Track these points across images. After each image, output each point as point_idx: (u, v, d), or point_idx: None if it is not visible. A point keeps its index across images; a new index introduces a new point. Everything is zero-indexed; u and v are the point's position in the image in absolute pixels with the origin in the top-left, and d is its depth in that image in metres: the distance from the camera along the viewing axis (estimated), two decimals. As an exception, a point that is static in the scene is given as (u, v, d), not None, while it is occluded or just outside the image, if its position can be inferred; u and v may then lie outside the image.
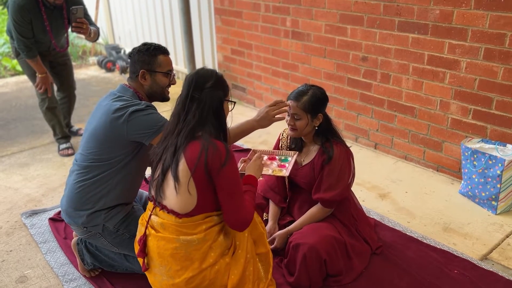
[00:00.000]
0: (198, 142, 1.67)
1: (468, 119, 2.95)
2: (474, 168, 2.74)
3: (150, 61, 2.09)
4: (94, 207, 2.04)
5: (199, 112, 1.71)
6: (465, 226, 2.61)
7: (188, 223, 1.72)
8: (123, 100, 2.02)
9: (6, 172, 3.42)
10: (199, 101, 1.72)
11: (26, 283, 2.25)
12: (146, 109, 1.98)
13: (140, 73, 2.08)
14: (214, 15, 4.73)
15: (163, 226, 1.75)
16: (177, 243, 1.71)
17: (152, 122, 1.96)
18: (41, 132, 4.16)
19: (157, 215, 1.78)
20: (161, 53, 2.11)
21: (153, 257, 1.77)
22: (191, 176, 1.65)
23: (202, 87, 1.73)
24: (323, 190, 2.15)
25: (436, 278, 2.16)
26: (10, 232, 2.66)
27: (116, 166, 2.02)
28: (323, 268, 2.08)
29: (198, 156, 1.64)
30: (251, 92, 4.67)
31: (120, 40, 6.85)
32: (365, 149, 3.66)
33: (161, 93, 2.17)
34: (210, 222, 1.75)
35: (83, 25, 3.09)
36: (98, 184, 2.03)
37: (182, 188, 1.67)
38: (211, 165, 1.64)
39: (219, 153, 1.65)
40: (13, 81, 5.86)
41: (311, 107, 2.11)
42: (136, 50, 2.11)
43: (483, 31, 2.72)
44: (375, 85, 3.44)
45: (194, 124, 1.70)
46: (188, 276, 1.71)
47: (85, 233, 2.11)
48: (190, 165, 1.65)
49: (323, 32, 3.66)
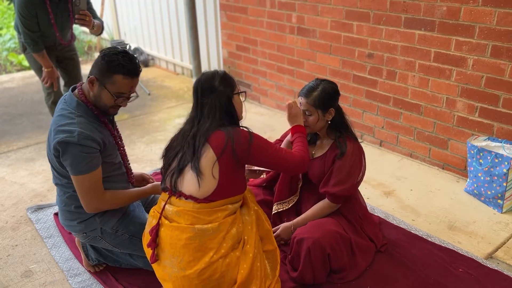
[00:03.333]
0: (221, 131, 1.75)
1: (475, 116, 2.93)
2: (480, 166, 2.72)
3: (104, 74, 1.87)
4: (85, 216, 2.02)
5: (212, 114, 1.78)
6: (471, 224, 2.60)
7: (205, 209, 1.75)
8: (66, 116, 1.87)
9: (12, 167, 3.44)
10: (209, 105, 1.79)
11: (31, 277, 2.26)
12: (77, 144, 1.81)
13: (89, 78, 1.89)
14: (220, 10, 4.72)
15: (179, 214, 1.76)
16: (192, 232, 1.72)
17: (75, 163, 1.83)
18: (46, 127, 4.17)
19: (172, 204, 1.80)
20: (121, 73, 1.85)
21: (164, 248, 1.78)
22: (217, 160, 1.72)
23: (209, 90, 1.80)
24: (331, 184, 2.14)
25: (441, 277, 2.16)
26: (15, 227, 2.68)
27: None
28: (327, 263, 2.08)
29: (225, 142, 1.72)
30: (256, 89, 4.66)
31: (125, 35, 6.85)
32: (370, 146, 3.65)
33: (103, 108, 1.95)
34: (225, 211, 1.78)
35: (85, 17, 3.10)
36: (77, 197, 1.97)
37: (206, 176, 1.73)
38: (239, 149, 1.73)
39: (243, 136, 1.76)
40: (19, 76, 5.89)
41: (321, 102, 2.11)
42: (104, 53, 1.88)
43: (491, 28, 2.69)
44: (380, 82, 3.42)
45: (209, 125, 1.77)
46: (200, 268, 1.71)
47: (86, 237, 2.10)
48: (216, 151, 1.72)
49: (328, 28, 3.64)
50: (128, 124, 4.26)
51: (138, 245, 2.06)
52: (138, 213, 2.15)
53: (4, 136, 4.00)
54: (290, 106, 2.06)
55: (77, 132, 1.82)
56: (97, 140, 1.88)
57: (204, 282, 1.73)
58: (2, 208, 2.88)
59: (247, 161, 1.80)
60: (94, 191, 1.90)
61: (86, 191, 1.89)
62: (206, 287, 1.74)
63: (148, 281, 2.16)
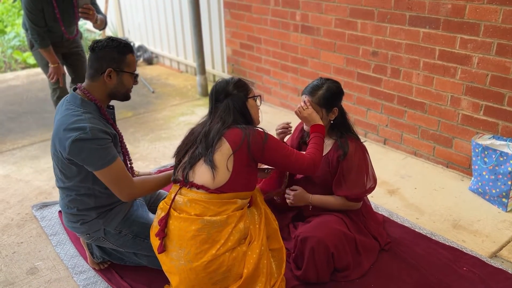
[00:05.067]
0: (237, 128, 1.81)
1: (479, 115, 2.92)
2: (484, 165, 2.71)
3: (119, 60, 1.92)
4: (88, 218, 2.03)
5: (225, 114, 1.85)
6: (475, 223, 2.60)
7: (216, 199, 1.77)
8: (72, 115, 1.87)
9: (18, 164, 3.45)
10: (223, 108, 1.86)
11: (36, 274, 2.28)
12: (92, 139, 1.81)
13: (106, 71, 1.91)
14: (224, 8, 4.72)
15: (189, 203, 1.78)
16: (200, 224, 1.74)
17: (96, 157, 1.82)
18: (51, 124, 4.19)
19: (183, 194, 1.81)
20: (130, 51, 1.96)
21: (172, 239, 1.79)
22: (233, 154, 1.76)
23: (222, 96, 1.88)
24: (347, 188, 2.14)
25: (445, 275, 2.15)
26: (21, 224, 2.70)
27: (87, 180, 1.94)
28: (331, 262, 2.09)
29: (242, 137, 1.77)
30: (260, 87, 4.66)
31: (129, 33, 6.86)
32: (374, 144, 3.64)
33: (125, 93, 2.02)
34: (234, 204, 1.81)
35: (89, 11, 3.16)
36: (81, 200, 1.98)
37: (220, 169, 1.77)
38: (254, 148, 1.78)
39: (258, 134, 1.81)
40: (24, 74, 5.91)
41: (325, 101, 2.11)
42: (103, 45, 1.90)
43: (496, 26, 2.68)
44: (385, 80, 3.41)
45: (222, 123, 1.82)
46: (207, 260, 1.73)
47: (89, 238, 2.11)
48: (233, 145, 1.77)
49: (333, 26, 3.64)
50: (132, 122, 4.27)
51: (141, 244, 2.07)
52: (141, 213, 2.15)
53: (9, 134, 4.03)
54: (298, 113, 2.11)
55: (89, 127, 1.81)
56: (108, 131, 1.89)
57: (211, 275, 1.75)
58: (8, 206, 2.89)
59: (260, 159, 1.84)
60: (123, 179, 1.90)
61: (115, 182, 1.88)
62: (212, 280, 1.76)
63: (152, 278, 2.17)
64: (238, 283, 1.78)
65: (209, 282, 1.76)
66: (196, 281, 1.76)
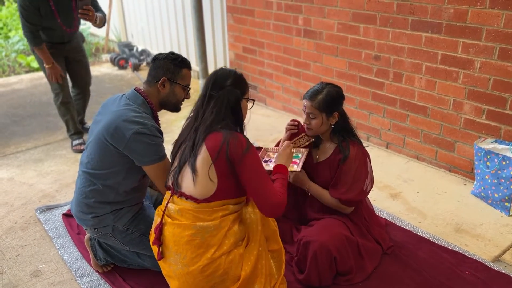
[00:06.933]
0: (219, 132, 1.74)
1: (482, 119, 2.92)
2: (487, 169, 2.71)
3: (174, 71, 2.08)
4: (101, 212, 2.07)
5: (217, 109, 1.78)
6: (477, 227, 2.59)
7: (205, 208, 1.76)
8: (133, 110, 1.98)
9: (21, 167, 3.47)
10: (216, 99, 1.80)
11: (40, 277, 2.29)
12: (151, 135, 1.95)
13: (161, 79, 2.06)
14: (226, 13, 4.74)
15: (180, 212, 1.78)
16: (193, 229, 1.75)
17: (151, 152, 1.95)
18: (55, 128, 4.22)
19: (174, 202, 1.82)
20: (186, 66, 2.12)
21: (168, 245, 1.80)
22: (213, 163, 1.71)
23: (220, 86, 1.81)
24: (342, 191, 2.15)
25: (448, 279, 2.15)
26: (25, 227, 2.71)
27: (120, 175, 2.02)
28: (333, 266, 2.09)
29: (220, 145, 1.71)
30: (262, 91, 4.67)
31: (132, 37, 6.90)
32: (377, 148, 3.65)
33: (175, 104, 2.17)
34: (226, 210, 1.79)
35: (89, 12, 3.19)
36: (103, 192, 2.05)
37: (201, 177, 1.73)
38: (233, 154, 1.70)
39: (240, 142, 1.72)
40: (28, 78, 5.94)
41: (325, 106, 2.11)
42: (163, 56, 2.09)
43: (498, 30, 2.69)
44: (387, 84, 3.42)
45: (212, 120, 1.77)
46: (203, 264, 1.74)
47: (96, 233, 2.13)
48: (212, 153, 1.71)
49: (335, 30, 3.65)
50: (135, 125, 4.28)
51: (147, 244, 2.09)
52: (149, 213, 2.19)
53: (13, 137, 4.05)
54: (287, 145, 2.01)
55: (150, 125, 1.96)
56: (161, 133, 2.06)
57: (208, 278, 1.75)
58: (12, 209, 2.91)
59: (237, 168, 1.72)
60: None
61: (161, 177, 1.98)
62: (210, 283, 1.77)
63: (155, 282, 2.18)
64: (236, 285, 1.78)
65: (207, 285, 1.77)
66: (194, 284, 1.77)
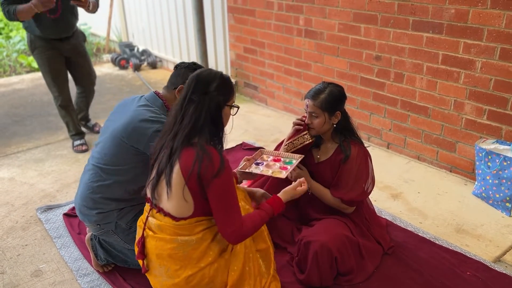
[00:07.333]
0: (193, 150, 1.63)
1: (483, 119, 2.92)
2: (488, 169, 2.71)
3: None
4: (107, 208, 2.08)
5: (196, 116, 1.66)
6: (478, 227, 2.59)
7: (185, 225, 1.71)
8: (152, 111, 2.04)
9: (22, 167, 3.47)
10: (196, 105, 1.66)
11: (40, 277, 2.29)
12: None
13: (179, 87, 2.10)
14: (227, 13, 4.74)
15: (160, 228, 1.74)
16: (175, 243, 1.71)
17: None
18: (56, 128, 4.22)
19: (154, 217, 1.78)
20: None
21: (152, 258, 1.77)
22: (186, 185, 1.62)
23: (202, 90, 1.68)
24: (343, 191, 2.15)
25: (448, 280, 2.15)
26: (25, 227, 2.71)
27: (132, 172, 2.04)
28: (334, 266, 2.09)
29: (192, 165, 1.60)
30: (263, 91, 4.67)
31: (133, 37, 6.90)
32: (378, 148, 3.64)
33: None
34: (206, 225, 1.74)
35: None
36: (112, 188, 2.06)
37: (175, 195, 1.65)
38: (204, 175, 1.60)
39: (212, 164, 1.61)
40: (29, 78, 5.95)
41: (328, 105, 2.11)
42: (185, 65, 2.16)
43: (500, 30, 2.68)
44: (388, 84, 3.42)
45: (190, 129, 1.65)
46: (187, 275, 1.71)
47: (98, 230, 2.14)
48: (184, 173, 1.62)
49: (336, 30, 3.65)
50: (136, 125, 4.28)
51: None
52: None
53: (14, 137, 4.05)
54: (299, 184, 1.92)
55: None
56: None
57: None
58: (12, 208, 2.91)
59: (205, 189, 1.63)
60: None
61: None
62: None
63: (156, 282, 2.18)
64: None
65: None
66: None
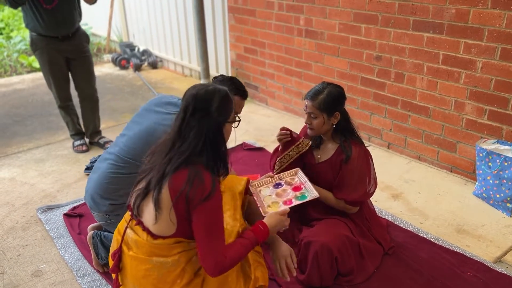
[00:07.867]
0: (186, 171, 1.56)
1: (484, 119, 2.92)
2: (489, 170, 2.71)
3: None
4: (120, 199, 2.11)
5: (195, 142, 1.58)
6: (479, 228, 2.59)
7: (162, 245, 1.63)
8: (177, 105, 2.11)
9: (23, 167, 3.47)
10: (196, 131, 1.59)
11: (41, 277, 2.29)
12: None
13: None
14: (228, 13, 4.74)
15: (137, 244, 1.66)
16: (150, 264, 1.63)
17: None
18: (56, 128, 4.22)
19: (133, 229, 1.70)
20: (239, 94, 2.19)
21: (126, 275, 1.71)
22: (173, 206, 1.56)
23: (200, 113, 1.60)
24: (346, 192, 2.15)
25: (449, 280, 2.15)
26: (26, 227, 2.71)
27: None
28: (334, 266, 2.09)
29: (182, 187, 1.54)
30: (263, 91, 4.67)
31: (134, 38, 6.90)
32: (378, 149, 3.64)
33: None
34: (185, 247, 1.66)
35: None
36: (130, 181, 2.01)
37: (163, 216, 1.59)
38: (191, 198, 1.53)
39: (202, 188, 1.53)
40: (30, 78, 5.95)
41: (326, 106, 2.11)
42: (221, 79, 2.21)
43: (500, 30, 2.68)
44: (388, 84, 3.42)
45: (188, 154, 1.58)
46: None
47: (106, 220, 2.17)
48: (172, 195, 1.55)
49: (336, 31, 3.65)
50: (137, 125, 4.28)
51: None
52: None
53: (15, 137, 4.05)
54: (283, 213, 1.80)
55: None
56: None
57: None
58: (13, 208, 2.91)
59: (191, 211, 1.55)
60: None
61: None
62: None
63: (156, 282, 2.17)
64: None
65: None
66: None
